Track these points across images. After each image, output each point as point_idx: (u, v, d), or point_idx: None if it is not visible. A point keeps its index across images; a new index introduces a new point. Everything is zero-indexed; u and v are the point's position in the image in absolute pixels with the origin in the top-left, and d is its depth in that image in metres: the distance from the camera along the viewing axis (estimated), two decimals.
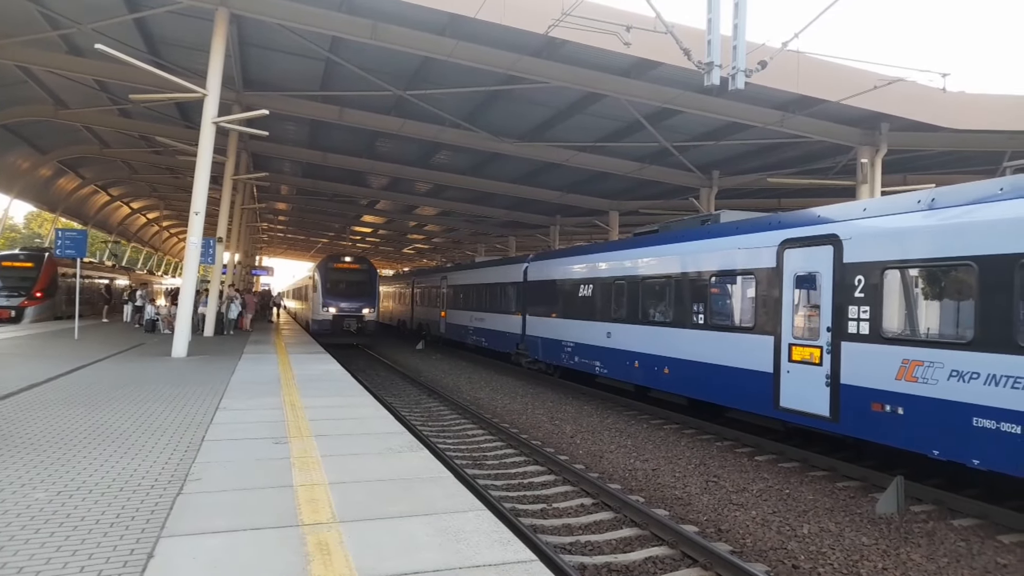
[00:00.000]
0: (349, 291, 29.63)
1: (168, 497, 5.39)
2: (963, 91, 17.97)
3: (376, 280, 31.15)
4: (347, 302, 29.14)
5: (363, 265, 31.26)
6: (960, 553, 7.19)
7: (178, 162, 30.85)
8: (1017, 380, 7.39)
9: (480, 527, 4.87)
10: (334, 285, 29.62)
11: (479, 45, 16.14)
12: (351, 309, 29.20)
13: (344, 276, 30.19)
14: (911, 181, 23.79)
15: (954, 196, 8.42)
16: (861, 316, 9.37)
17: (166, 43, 18.86)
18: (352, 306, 29.19)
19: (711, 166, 26.34)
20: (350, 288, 29.77)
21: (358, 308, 29.33)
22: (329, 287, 29.51)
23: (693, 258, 13.30)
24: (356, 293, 29.68)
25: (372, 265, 31.65)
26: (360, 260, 31.77)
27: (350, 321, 29.00)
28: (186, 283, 16.47)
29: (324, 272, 30.16)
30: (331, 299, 29.09)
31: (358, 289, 29.87)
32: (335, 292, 29.33)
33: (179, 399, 10.00)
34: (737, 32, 11.10)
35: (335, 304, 28.95)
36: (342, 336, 28.93)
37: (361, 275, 30.58)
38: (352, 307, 29.17)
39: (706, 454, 11.45)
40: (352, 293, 29.55)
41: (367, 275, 30.77)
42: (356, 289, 29.82)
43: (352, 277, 30.31)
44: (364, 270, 30.91)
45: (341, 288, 29.56)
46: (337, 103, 22.05)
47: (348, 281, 29.96)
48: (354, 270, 30.68)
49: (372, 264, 31.80)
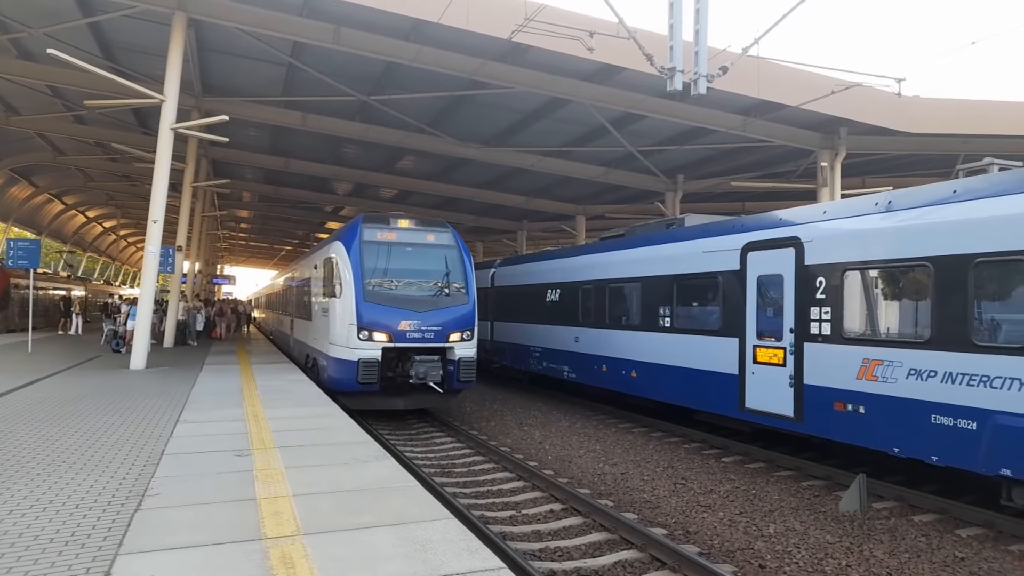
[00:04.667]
0: (415, 293, 14.17)
1: (126, 514, 5.22)
2: (918, 96, 18.48)
3: (470, 266, 14.94)
4: (413, 317, 13.75)
5: (442, 235, 15.04)
6: (921, 548, 7.33)
7: (135, 169, 30.12)
8: (972, 378, 7.57)
9: (448, 536, 4.80)
10: (380, 279, 14.06)
11: (443, 50, 16.11)
12: (424, 335, 13.80)
13: (404, 258, 14.47)
14: (870, 184, 24.34)
15: (910, 198, 8.62)
16: (823, 317, 9.52)
17: (122, 48, 18.43)
18: (426, 327, 13.81)
19: (676, 170, 26.64)
20: (417, 285, 14.31)
21: (439, 332, 13.91)
22: (371, 285, 13.87)
23: (659, 262, 13.41)
24: (432, 298, 14.26)
25: (458, 236, 15.32)
26: (433, 225, 15.26)
27: (426, 365, 13.75)
28: (144, 293, 16.08)
29: (356, 248, 14.13)
30: (374, 312, 13.57)
31: (435, 288, 14.40)
32: (383, 295, 13.85)
33: (137, 412, 9.73)
34: (699, 38, 11.25)
35: (385, 323, 13.56)
36: (403, 396, 14.07)
37: (440, 255, 14.76)
38: (426, 329, 13.81)
39: (674, 457, 11.52)
40: (423, 298, 14.15)
41: (452, 256, 14.82)
42: (431, 288, 14.37)
43: (421, 261, 14.62)
44: (445, 245, 14.90)
45: (396, 286, 14.11)
46: (300, 108, 21.79)
47: (412, 270, 14.43)
48: (425, 246, 14.77)
49: (458, 234, 15.41)
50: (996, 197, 7.57)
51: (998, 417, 7.30)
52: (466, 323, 14.22)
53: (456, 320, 14.10)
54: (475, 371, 14.37)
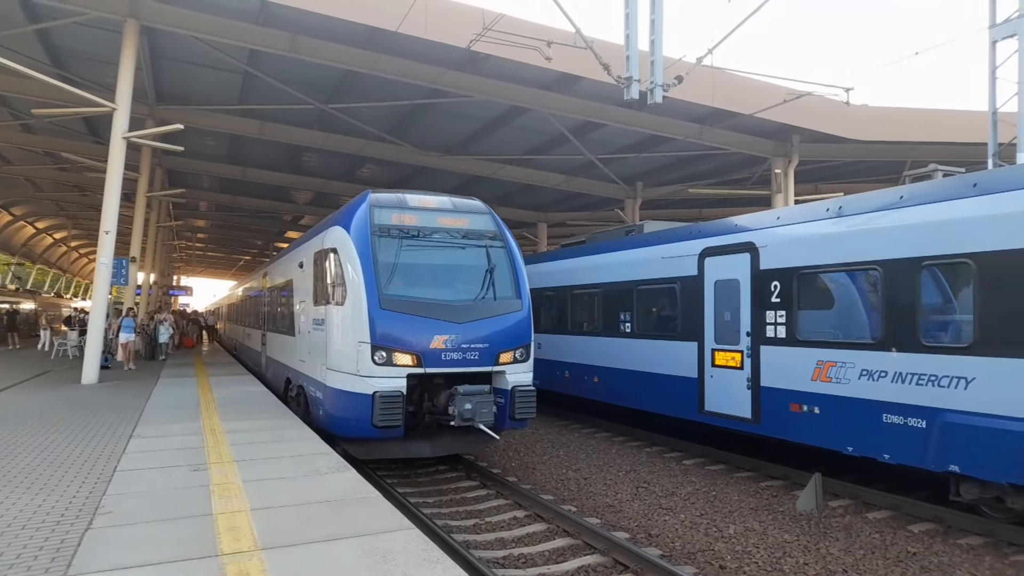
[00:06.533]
0: (450, 298, 9.78)
1: (76, 533, 5.07)
2: (866, 104, 19.06)
3: (519, 259, 10.58)
4: (450, 330, 9.39)
5: (479, 217, 10.71)
6: (875, 544, 7.52)
7: (87, 179, 29.23)
8: (921, 377, 7.81)
9: (409, 547, 4.77)
10: (401, 278, 9.64)
11: (401, 58, 16.08)
12: (466, 355, 9.47)
13: (431, 249, 10.07)
14: (822, 190, 25.01)
15: (859, 204, 8.88)
16: (778, 320, 9.73)
17: (73, 56, 17.97)
18: (468, 345, 9.47)
19: (635, 178, 26.99)
20: (452, 286, 10.00)
21: (485, 350, 9.59)
22: (388, 286, 9.47)
23: (619, 268, 13.55)
24: (473, 303, 9.87)
25: (500, 220, 11.00)
26: (466, 205, 10.84)
27: (474, 399, 9.10)
28: (96, 305, 15.66)
29: (365, 235, 9.70)
30: (395, 324, 9.24)
31: (476, 290, 10.06)
32: (406, 301, 9.44)
33: (89, 428, 9.46)
34: (654, 48, 11.43)
35: (412, 340, 9.26)
36: (430, 439, 10.01)
37: (478, 244, 10.39)
38: (468, 347, 9.47)
39: (636, 460, 11.63)
40: (461, 305, 9.72)
41: (495, 244, 10.50)
42: (470, 290, 10.05)
43: (454, 252, 10.23)
44: (483, 232, 10.54)
45: (423, 288, 9.71)
46: (257, 117, 21.49)
47: (444, 266, 10.12)
48: (457, 232, 10.34)
49: (499, 218, 11.05)
50: (940, 202, 7.84)
51: (946, 415, 7.54)
52: (520, 337, 9.96)
53: (507, 333, 9.77)
54: (535, 405, 9.98)
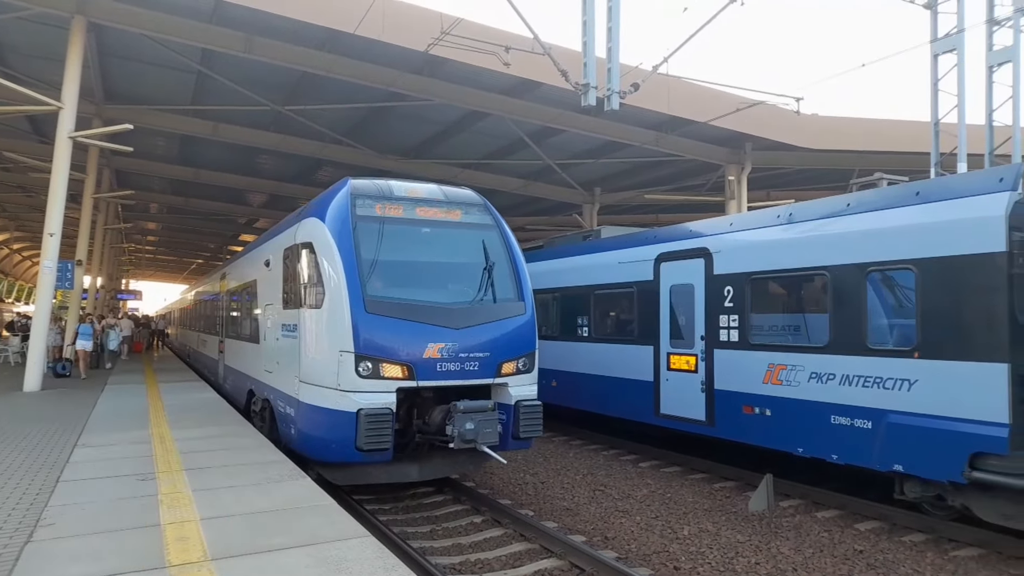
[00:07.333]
0: (444, 300, 8.60)
1: (14, 547, 4.89)
2: (816, 114, 19.60)
3: (519, 256, 9.49)
4: (446, 336, 8.19)
5: (473, 210, 9.52)
6: (824, 543, 7.71)
7: (31, 180, 28.24)
8: (867, 379, 8.05)
9: (363, 555, 4.72)
10: (388, 277, 8.47)
11: (359, 61, 15.96)
12: (464, 365, 8.28)
13: (420, 244, 8.93)
14: (774, 196, 25.60)
15: (809, 211, 9.12)
16: (731, 324, 9.92)
17: (16, 52, 17.35)
18: (466, 353, 8.29)
19: (593, 183, 27.24)
20: (445, 287, 8.86)
21: (486, 359, 8.43)
22: (374, 286, 8.27)
23: (576, 273, 13.65)
24: (470, 306, 8.71)
25: (498, 215, 9.76)
26: (458, 195, 9.66)
27: (476, 418, 7.93)
28: (39, 310, 15.14)
29: (346, 228, 8.49)
30: (382, 330, 8.04)
31: (473, 291, 8.92)
32: (394, 304, 8.22)
33: (31, 437, 9.12)
34: (611, 55, 11.55)
35: (402, 348, 8.05)
36: (417, 461, 8.88)
37: (473, 238, 9.28)
38: (467, 356, 8.29)
39: (593, 464, 11.71)
40: (457, 307, 8.54)
41: (492, 240, 9.38)
42: (466, 290, 8.91)
43: (447, 248, 9.11)
44: (479, 225, 9.43)
45: (412, 289, 8.53)
46: (211, 118, 21.05)
47: (435, 263, 8.94)
48: (450, 225, 9.22)
49: (494, 209, 9.84)
50: (884, 210, 8.11)
51: (890, 416, 7.78)
52: (524, 345, 8.88)
53: (510, 340, 8.71)
54: (541, 421, 8.87)
